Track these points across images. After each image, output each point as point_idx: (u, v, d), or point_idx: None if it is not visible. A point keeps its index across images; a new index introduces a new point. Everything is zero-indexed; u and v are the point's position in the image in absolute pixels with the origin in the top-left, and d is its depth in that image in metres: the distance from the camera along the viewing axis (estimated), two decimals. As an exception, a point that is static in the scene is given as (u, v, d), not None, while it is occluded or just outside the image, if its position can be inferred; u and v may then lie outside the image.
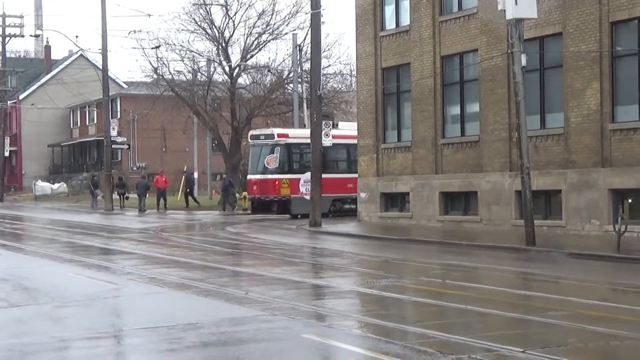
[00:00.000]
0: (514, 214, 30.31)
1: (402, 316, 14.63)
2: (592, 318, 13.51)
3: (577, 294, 16.26)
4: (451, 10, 33.75)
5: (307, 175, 38.35)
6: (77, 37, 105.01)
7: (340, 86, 60.23)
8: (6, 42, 74.76)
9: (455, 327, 13.28)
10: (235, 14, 55.33)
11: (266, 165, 42.86)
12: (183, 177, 58.61)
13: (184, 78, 57.52)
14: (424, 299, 15.79)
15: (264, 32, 56.08)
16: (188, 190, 56.76)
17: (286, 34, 55.55)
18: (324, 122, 38.68)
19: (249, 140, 44.93)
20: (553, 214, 29.38)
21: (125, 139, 69.05)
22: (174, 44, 55.84)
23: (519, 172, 26.62)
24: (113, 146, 60.47)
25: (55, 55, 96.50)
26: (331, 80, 58.08)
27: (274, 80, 58.71)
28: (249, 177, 44.44)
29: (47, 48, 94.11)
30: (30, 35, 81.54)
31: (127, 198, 58.26)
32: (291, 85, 53.34)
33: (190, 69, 57.28)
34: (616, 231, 23.33)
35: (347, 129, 42.28)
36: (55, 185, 78.05)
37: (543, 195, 29.35)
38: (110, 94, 60.02)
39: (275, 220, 42.38)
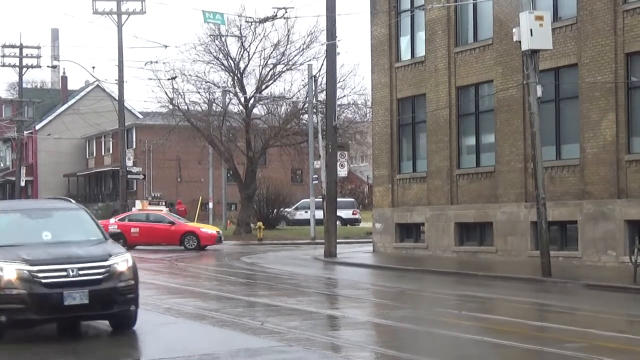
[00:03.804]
0: (530, 245, 30.21)
1: (418, 347, 14.57)
2: (609, 350, 13.43)
3: (593, 326, 16.17)
4: (466, 41, 33.83)
5: None
6: (93, 67, 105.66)
7: (355, 117, 60.32)
8: (23, 72, 75.04)
9: (471, 358, 13.23)
10: (250, 45, 55.63)
11: None
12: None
13: (199, 108, 57.68)
14: (439, 330, 15.74)
15: (278, 63, 56.30)
16: None
17: (301, 64, 55.76)
18: (339, 153, 38.66)
19: None
20: (569, 245, 29.28)
21: (141, 169, 69.20)
22: (190, 75, 56.12)
23: (534, 202, 26.54)
24: (129, 176, 60.57)
25: (71, 85, 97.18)
26: (346, 110, 58.19)
27: (289, 110, 58.84)
28: None
29: (64, 79, 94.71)
30: (47, 66, 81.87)
31: None
32: (306, 115, 53.45)
33: (205, 99, 57.48)
34: (632, 262, 23.23)
35: None
36: (71, 215, 78.10)
37: (559, 226, 29.27)
38: (126, 124, 60.24)
39: (291, 250, 42.36)
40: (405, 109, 36.91)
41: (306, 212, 58.69)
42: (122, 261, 14.94)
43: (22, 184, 78.95)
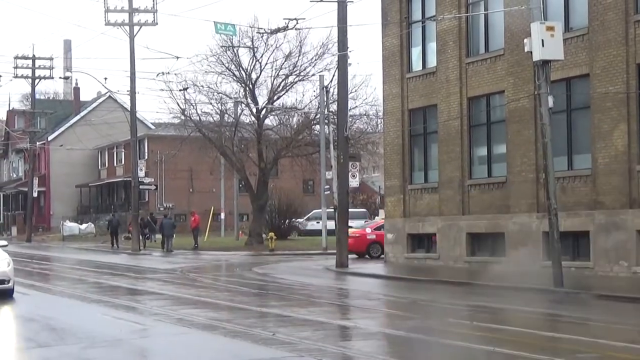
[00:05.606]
0: (542, 255, 30.12)
1: (430, 358, 14.57)
2: (621, 361, 13.39)
3: (606, 336, 16.13)
4: (478, 52, 33.83)
5: None
6: (105, 79, 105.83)
7: (366, 127, 60.34)
8: (36, 84, 75.52)
9: (483, 369, 13.21)
10: (262, 56, 55.75)
11: None
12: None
13: (211, 119, 57.79)
14: (451, 340, 15.71)
15: (290, 74, 56.37)
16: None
17: (313, 75, 55.84)
18: (350, 164, 38.64)
19: None
20: (581, 255, 29.21)
21: (153, 180, 69.36)
22: (202, 86, 56.22)
23: (546, 213, 26.49)
24: (140, 187, 60.78)
25: (84, 96, 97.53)
26: (357, 121, 58.19)
27: (300, 121, 58.90)
28: None
29: (76, 90, 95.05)
30: (60, 78, 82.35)
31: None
32: (318, 126, 53.49)
33: (217, 110, 57.59)
34: (645, 273, 23.17)
35: None
36: (83, 226, 78.46)
37: (571, 237, 29.18)
38: (138, 135, 60.38)
39: (303, 261, 42.36)
40: (416, 119, 36.91)
41: (318, 222, 58.73)
42: None
43: (35, 194, 79.28)
